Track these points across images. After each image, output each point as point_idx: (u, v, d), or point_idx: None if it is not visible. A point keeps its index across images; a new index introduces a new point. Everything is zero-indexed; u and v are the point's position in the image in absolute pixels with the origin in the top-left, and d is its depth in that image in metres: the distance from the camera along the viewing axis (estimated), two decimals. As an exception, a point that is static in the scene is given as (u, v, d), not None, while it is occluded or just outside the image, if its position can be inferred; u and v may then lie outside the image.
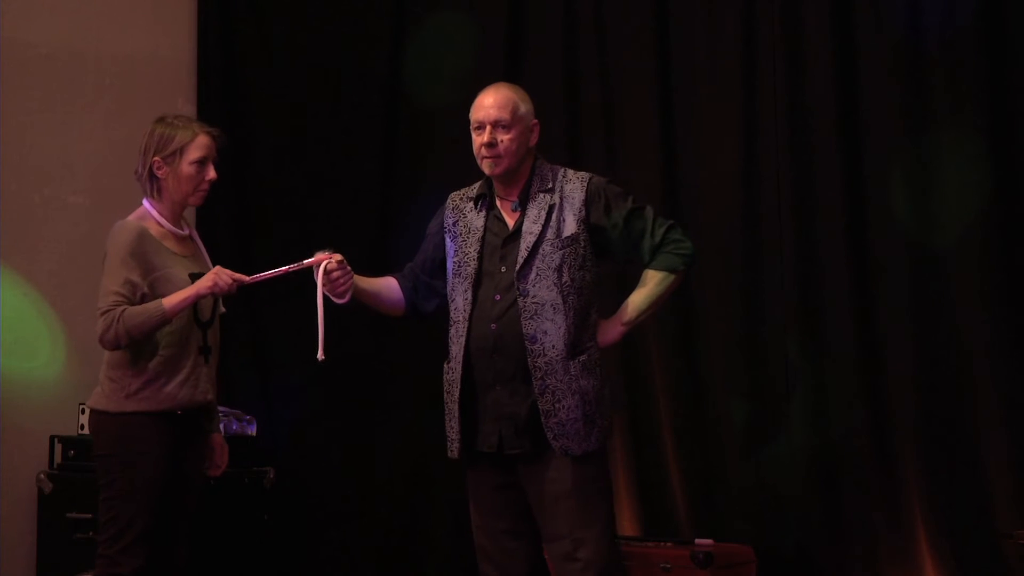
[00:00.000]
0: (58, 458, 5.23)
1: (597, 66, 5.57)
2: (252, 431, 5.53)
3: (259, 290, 4.02)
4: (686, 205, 5.30)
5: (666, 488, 5.28)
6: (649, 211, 3.73)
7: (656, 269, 3.70)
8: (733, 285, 5.19)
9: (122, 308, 3.78)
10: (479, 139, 3.74)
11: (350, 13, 6.13)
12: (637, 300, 3.72)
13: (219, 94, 6.15)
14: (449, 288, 3.78)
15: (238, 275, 3.82)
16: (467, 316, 3.69)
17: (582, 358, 3.63)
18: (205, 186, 4.00)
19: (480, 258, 3.71)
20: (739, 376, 5.17)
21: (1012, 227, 4.70)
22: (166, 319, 3.80)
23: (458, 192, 3.89)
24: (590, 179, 3.75)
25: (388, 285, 3.93)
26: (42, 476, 5.16)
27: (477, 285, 3.70)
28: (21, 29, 5.61)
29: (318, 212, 6.02)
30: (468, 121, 5.83)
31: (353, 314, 5.98)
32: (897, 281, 4.88)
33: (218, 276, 3.80)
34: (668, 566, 4.73)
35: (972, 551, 4.66)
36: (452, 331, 3.75)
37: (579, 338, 3.65)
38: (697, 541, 4.87)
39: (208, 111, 6.12)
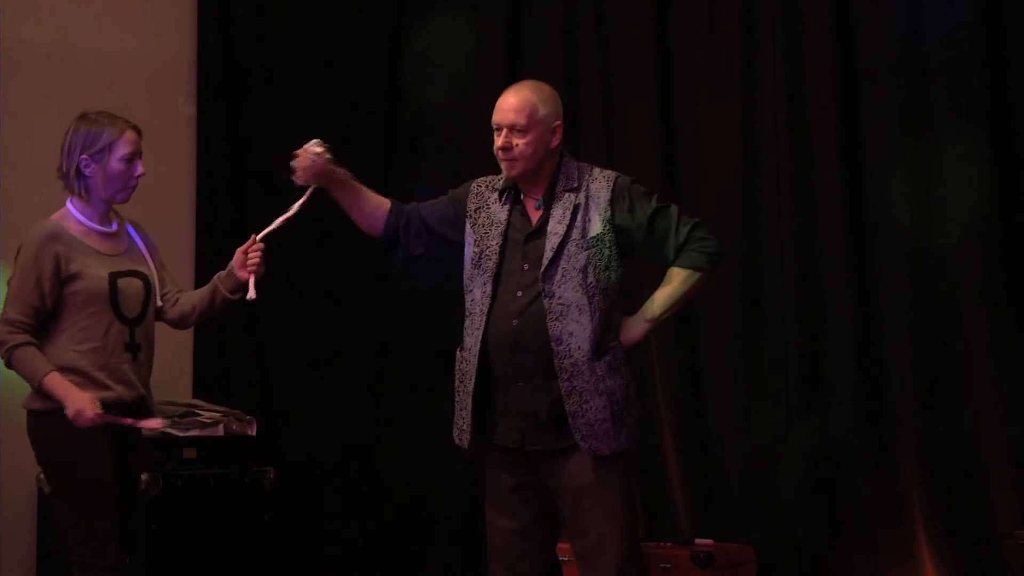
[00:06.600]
0: (58, 458, 5.23)
1: (597, 66, 5.57)
2: (252, 431, 5.53)
3: (259, 290, 4.01)
4: (686, 205, 5.24)
5: (666, 488, 5.28)
6: (674, 209, 3.70)
7: (681, 267, 3.67)
8: (733, 284, 5.19)
9: (21, 339, 3.75)
10: (496, 141, 3.71)
11: (350, 13, 6.13)
12: (661, 298, 3.70)
13: (219, 94, 6.15)
14: (466, 277, 3.75)
15: (100, 416, 3.72)
16: (485, 310, 3.66)
17: (607, 358, 3.61)
18: (133, 183, 3.90)
19: (502, 253, 3.69)
20: (739, 376, 5.17)
21: (1012, 227, 4.70)
22: (37, 386, 3.77)
23: (484, 179, 3.84)
24: (616, 178, 3.72)
25: (377, 203, 3.86)
26: (42, 476, 5.15)
27: (497, 280, 3.67)
28: (21, 29, 5.61)
29: (318, 212, 6.01)
30: (468, 120, 5.87)
31: (354, 315, 6.03)
32: (897, 281, 4.88)
33: (79, 413, 3.71)
34: (668, 566, 4.73)
35: (972, 551, 4.66)
36: (467, 322, 3.72)
37: (604, 338, 3.63)
38: (697, 541, 4.87)
39: (208, 111, 6.13)
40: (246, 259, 3.95)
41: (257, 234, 3.96)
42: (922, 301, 4.83)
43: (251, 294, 3.91)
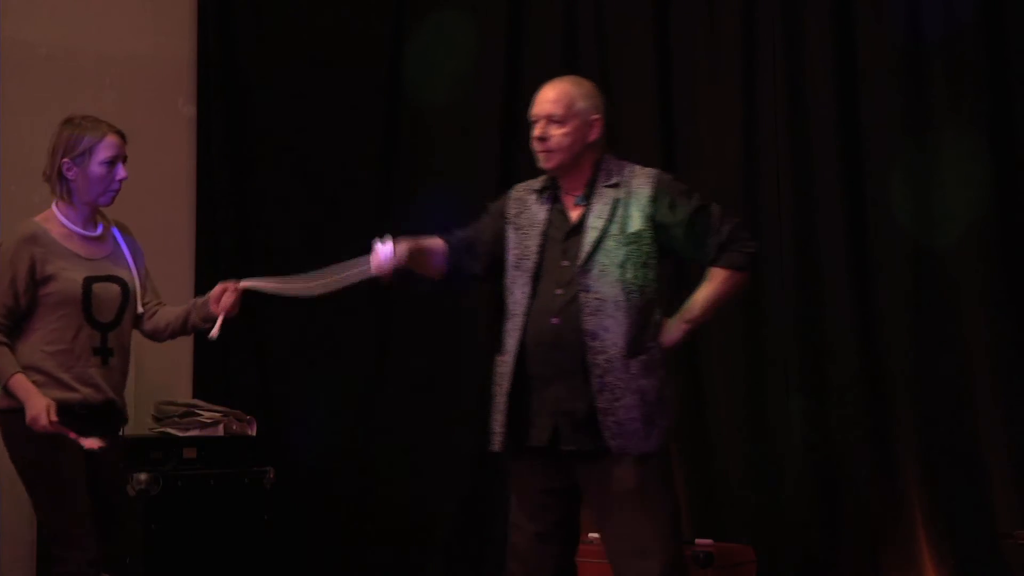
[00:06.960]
0: (58, 458, 5.23)
1: (597, 66, 5.57)
2: (252, 431, 5.53)
3: (258, 291, 4.02)
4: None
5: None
6: (715, 208, 3.68)
7: (721, 267, 3.65)
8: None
9: None
10: (533, 132, 3.70)
11: (350, 13, 6.13)
12: (702, 298, 3.67)
13: (219, 94, 6.15)
14: (508, 280, 3.73)
15: (53, 424, 3.74)
16: (525, 309, 3.64)
17: (643, 357, 3.57)
18: (116, 186, 3.92)
19: (541, 251, 3.67)
20: (739, 376, 5.17)
21: (1012, 227, 4.70)
22: (3, 385, 3.79)
23: (523, 184, 3.84)
24: (658, 175, 3.72)
25: (437, 248, 3.81)
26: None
27: (537, 279, 3.65)
28: (21, 29, 5.61)
29: (319, 212, 6.03)
30: (468, 120, 5.87)
31: (354, 315, 6.02)
32: (897, 281, 4.88)
33: (34, 420, 3.74)
34: (668, 566, 4.72)
35: (972, 551, 4.66)
36: (509, 324, 3.69)
37: (641, 337, 3.58)
38: (697, 541, 4.86)
39: (208, 111, 6.13)
40: (222, 295, 3.93)
41: (240, 281, 3.91)
42: (922, 301, 4.83)
43: (214, 332, 3.89)
